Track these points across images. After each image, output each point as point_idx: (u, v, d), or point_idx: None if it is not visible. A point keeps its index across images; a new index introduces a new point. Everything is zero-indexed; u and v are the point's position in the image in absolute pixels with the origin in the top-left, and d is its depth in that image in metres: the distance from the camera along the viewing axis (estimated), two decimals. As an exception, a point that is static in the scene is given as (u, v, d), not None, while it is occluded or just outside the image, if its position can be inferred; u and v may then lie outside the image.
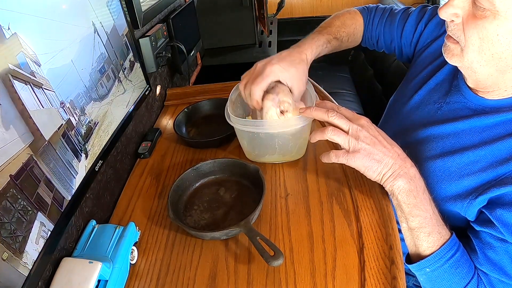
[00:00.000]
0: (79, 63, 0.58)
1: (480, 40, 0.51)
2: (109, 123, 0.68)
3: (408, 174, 0.56)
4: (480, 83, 0.59)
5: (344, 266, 0.54)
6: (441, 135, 0.64)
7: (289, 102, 0.65)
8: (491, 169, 0.56)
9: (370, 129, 0.57)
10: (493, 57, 0.52)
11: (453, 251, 0.56)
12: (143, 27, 0.92)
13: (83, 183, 0.57)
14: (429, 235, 0.56)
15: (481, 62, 0.53)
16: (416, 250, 0.59)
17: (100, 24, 0.65)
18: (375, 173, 0.57)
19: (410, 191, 0.55)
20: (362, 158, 0.56)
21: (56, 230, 0.49)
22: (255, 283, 0.54)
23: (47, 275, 0.50)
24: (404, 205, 0.56)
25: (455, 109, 0.64)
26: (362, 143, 0.56)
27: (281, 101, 0.65)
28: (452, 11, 0.53)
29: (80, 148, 0.58)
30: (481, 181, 0.57)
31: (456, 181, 0.60)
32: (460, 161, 0.60)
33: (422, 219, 0.56)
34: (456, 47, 0.56)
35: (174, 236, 0.63)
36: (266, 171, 0.74)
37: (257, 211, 0.60)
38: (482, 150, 0.57)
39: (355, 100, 2.02)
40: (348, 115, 0.59)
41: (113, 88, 0.69)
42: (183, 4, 1.29)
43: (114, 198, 0.74)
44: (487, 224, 0.56)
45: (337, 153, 0.58)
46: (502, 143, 0.56)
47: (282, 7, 2.06)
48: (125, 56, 0.75)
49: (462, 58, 0.55)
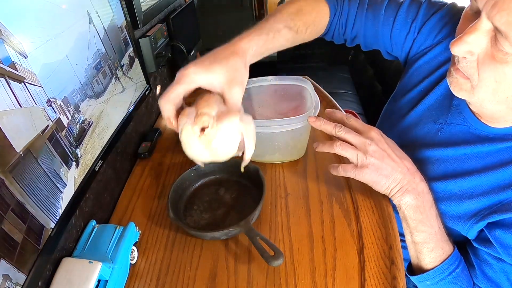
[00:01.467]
0: (73, 56, 0.53)
1: (496, 83, 0.46)
2: (105, 128, 0.62)
3: (416, 190, 0.55)
4: (487, 116, 0.56)
5: (344, 266, 0.54)
6: (443, 159, 0.62)
7: (210, 114, 0.45)
8: (492, 194, 0.55)
9: (380, 142, 0.56)
10: (507, 99, 0.48)
11: (453, 266, 0.57)
12: (143, 27, 0.92)
13: (73, 199, 0.49)
14: (432, 250, 0.57)
15: (493, 102, 0.49)
16: (419, 262, 0.60)
17: (96, 14, 0.61)
18: (383, 188, 0.56)
19: (417, 207, 0.55)
20: (370, 173, 0.55)
21: (56, 230, 0.49)
22: (255, 283, 0.54)
23: (47, 275, 0.50)
24: (410, 220, 0.56)
25: (457, 132, 0.61)
26: (370, 158, 0.55)
27: (199, 114, 0.46)
28: (467, 48, 0.46)
29: (71, 151, 0.51)
30: (482, 206, 0.56)
31: (457, 203, 0.59)
32: (462, 185, 0.58)
33: (426, 235, 0.56)
34: (466, 83, 0.50)
35: (174, 236, 0.63)
36: (266, 171, 0.74)
37: (257, 211, 0.60)
38: (485, 175, 0.56)
39: (355, 100, 2.02)
40: (358, 127, 0.58)
41: (110, 85, 0.66)
42: (183, 4, 1.28)
43: (114, 198, 0.74)
44: (486, 243, 0.56)
45: (345, 167, 0.58)
46: (505, 169, 0.54)
47: (282, 7, 2.06)
48: (123, 53, 0.73)
49: (472, 95, 0.51)
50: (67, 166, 0.50)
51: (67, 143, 0.50)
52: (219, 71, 0.48)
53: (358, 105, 1.98)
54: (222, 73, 0.48)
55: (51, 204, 0.46)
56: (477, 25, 0.44)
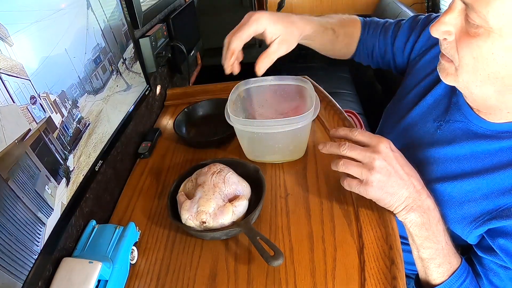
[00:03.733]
0: (70, 48, 0.48)
1: (474, 59, 0.47)
2: (102, 136, 0.57)
3: (422, 207, 0.54)
4: (480, 105, 0.56)
5: (344, 266, 0.54)
6: (441, 159, 0.62)
7: (208, 212, 0.58)
8: (492, 198, 0.55)
9: (388, 157, 0.53)
10: (489, 77, 0.48)
11: (462, 279, 0.57)
12: (143, 27, 0.92)
13: (57, 230, 0.41)
14: (439, 266, 0.56)
15: (476, 83, 0.50)
16: (426, 277, 0.59)
17: (97, 2, 0.57)
18: (387, 205, 0.56)
19: (423, 224, 0.54)
20: (375, 191, 0.54)
21: (56, 230, 0.49)
22: (255, 283, 0.54)
23: (47, 275, 0.50)
24: (416, 238, 0.56)
25: (456, 129, 0.61)
26: (376, 175, 0.53)
27: (199, 212, 0.58)
28: (443, 28, 0.49)
29: (63, 157, 0.43)
30: (482, 210, 0.56)
31: (457, 207, 0.59)
32: (461, 187, 0.58)
33: (433, 251, 0.55)
34: (450, 66, 0.52)
35: (174, 236, 0.63)
36: (266, 171, 0.74)
37: (257, 211, 0.60)
38: (484, 178, 0.56)
39: (355, 100, 2.02)
40: (365, 141, 0.56)
41: (110, 81, 0.62)
42: (183, 4, 1.29)
43: (114, 198, 0.74)
44: (490, 252, 0.56)
45: (350, 182, 0.56)
46: (504, 172, 0.54)
47: (282, 7, 2.06)
48: (124, 47, 0.68)
49: (457, 77, 0.52)
50: (55, 180, 0.41)
51: (59, 146, 0.43)
52: (282, 29, 0.63)
53: (358, 105, 1.98)
54: (283, 30, 0.63)
55: (24, 247, 0.33)
56: (451, 6, 0.48)
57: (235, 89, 0.78)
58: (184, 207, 0.60)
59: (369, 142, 0.55)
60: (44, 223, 0.38)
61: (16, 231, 0.34)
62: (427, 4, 2.36)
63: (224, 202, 0.60)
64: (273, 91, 0.83)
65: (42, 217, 0.39)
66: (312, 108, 0.67)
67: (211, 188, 0.61)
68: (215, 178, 0.62)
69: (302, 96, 0.80)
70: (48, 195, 0.40)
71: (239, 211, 0.60)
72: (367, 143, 0.56)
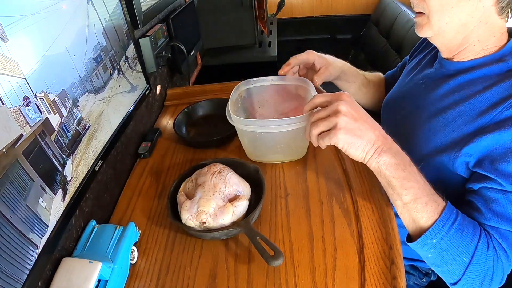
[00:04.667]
0: (70, 46, 0.46)
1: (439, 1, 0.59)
2: (103, 143, 0.56)
3: (392, 150, 0.56)
4: (452, 46, 0.65)
5: (344, 266, 0.54)
6: (427, 104, 0.69)
7: (208, 213, 0.58)
8: (472, 121, 0.59)
9: (351, 103, 0.57)
10: (453, 10, 0.58)
11: (454, 215, 0.55)
12: (143, 27, 0.92)
13: (57, 230, 0.38)
14: (426, 204, 0.55)
15: (446, 20, 0.60)
16: (417, 225, 0.57)
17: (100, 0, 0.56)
18: (358, 150, 0.55)
19: (397, 164, 0.55)
20: (345, 134, 0.54)
21: (56, 230, 0.49)
22: (255, 283, 0.54)
23: (47, 275, 0.50)
24: (393, 180, 0.55)
25: (436, 79, 0.70)
26: (343, 117, 0.55)
27: (199, 212, 0.58)
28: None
29: (60, 162, 0.40)
30: (464, 133, 0.60)
31: (440, 136, 0.63)
32: (444, 119, 0.64)
33: (416, 190, 0.55)
34: (423, 18, 0.63)
35: (174, 236, 0.63)
36: (266, 171, 0.74)
37: (257, 211, 0.60)
38: (463, 105, 0.61)
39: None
40: (326, 99, 0.59)
41: (111, 81, 0.60)
42: (183, 4, 1.29)
43: (114, 198, 0.74)
44: (485, 180, 0.56)
45: (322, 136, 0.57)
46: (479, 97, 0.59)
47: (282, 7, 2.06)
48: (126, 45, 0.67)
49: (430, 25, 0.62)
50: (52, 190, 0.36)
51: (57, 150, 0.40)
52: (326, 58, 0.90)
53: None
54: (324, 62, 0.89)
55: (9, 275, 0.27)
56: None
57: (236, 89, 0.78)
58: (184, 207, 0.60)
59: (330, 98, 0.59)
60: (37, 245, 0.32)
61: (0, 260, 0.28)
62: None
63: (224, 202, 0.60)
64: (274, 91, 0.84)
65: (34, 238, 0.33)
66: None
67: (211, 188, 0.61)
68: (215, 178, 0.62)
69: (303, 96, 0.80)
70: (42, 209, 0.35)
71: (239, 211, 0.60)
72: (329, 99, 0.59)
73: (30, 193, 0.33)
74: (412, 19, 1.68)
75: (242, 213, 0.60)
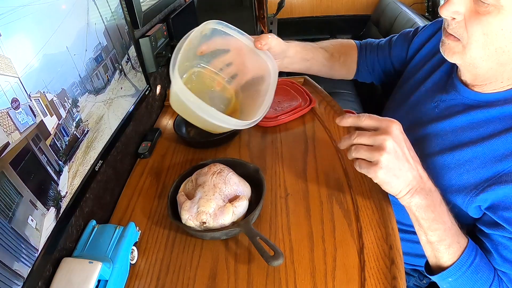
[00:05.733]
0: (71, 45, 0.43)
1: (484, 35, 0.51)
2: (97, 155, 0.52)
3: (425, 189, 0.55)
4: (479, 77, 0.59)
5: (344, 266, 0.54)
6: (439, 133, 0.65)
7: (209, 213, 0.58)
8: (490, 165, 0.57)
9: (398, 138, 0.53)
10: (496, 52, 0.52)
11: (472, 257, 0.57)
12: (143, 27, 0.92)
13: (57, 229, 0.36)
14: (449, 247, 0.57)
15: (484, 57, 0.54)
16: (437, 261, 0.59)
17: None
18: (393, 189, 0.55)
19: (428, 206, 0.55)
20: (383, 173, 0.53)
21: (56, 230, 0.49)
22: (255, 283, 0.54)
23: (47, 275, 0.50)
24: (422, 221, 0.56)
25: (451, 106, 0.65)
26: (385, 155, 0.52)
27: (199, 212, 0.58)
28: (453, 8, 0.52)
29: (58, 169, 0.36)
30: (481, 178, 0.57)
31: (457, 176, 0.60)
32: (459, 157, 0.60)
33: (441, 232, 0.56)
34: (457, 45, 0.56)
35: (174, 236, 0.63)
36: (266, 171, 0.74)
37: (257, 211, 0.60)
38: (480, 146, 0.58)
39: (355, 100, 2.02)
40: (374, 124, 0.55)
41: (113, 81, 0.59)
42: (183, 4, 1.29)
43: (114, 198, 0.74)
44: (496, 227, 0.56)
45: (360, 163, 0.56)
46: (499, 139, 0.56)
47: (282, 7, 2.06)
48: (128, 45, 0.65)
49: (464, 55, 0.55)
50: (44, 205, 0.31)
51: (53, 156, 0.35)
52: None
53: (358, 105, 1.98)
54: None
55: None
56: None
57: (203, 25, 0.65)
58: (184, 207, 0.60)
59: (378, 125, 0.55)
60: (22, 276, 0.27)
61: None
62: (427, 4, 2.36)
63: (224, 203, 0.60)
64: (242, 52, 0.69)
65: (19, 269, 0.27)
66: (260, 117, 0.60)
67: (211, 189, 0.61)
68: (215, 178, 0.62)
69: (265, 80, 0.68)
70: (32, 230, 0.30)
71: (239, 212, 0.60)
72: (377, 126, 0.55)
73: (17, 212, 0.28)
74: (412, 19, 1.68)
75: (242, 213, 0.60)
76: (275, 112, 0.90)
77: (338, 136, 0.82)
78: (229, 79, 0.71)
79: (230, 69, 0.70)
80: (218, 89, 0.70)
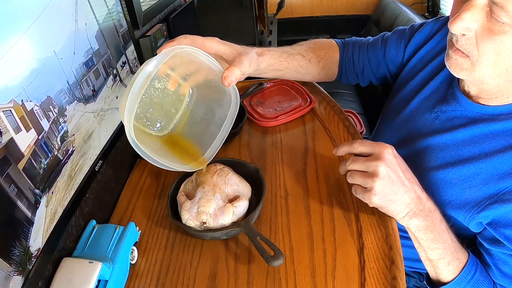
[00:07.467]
0: (58, 48, 0.38)
1: (496, 55, 0.49)
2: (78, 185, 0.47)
3: (424, 211, 0.54)
4: (485, 91, 0.58)
5: (344, 266, 0.54)
6: (440, 146, 0.63)
7: (209, 213, 0.58)
8: (492, 183, 0.56)
9: (391, 163, 0.53)
10: (506, 71, 0.50)
11: (472, 272, 0.57)
12: (143, 27, 0.92)
13: (57, 229, 0.36)
14: (449, 264, 0.57)
15: (493, 76, 0.51)
16: (437, 277, 0.60)
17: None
18: (390, 212, 0.55)
19: (427, 227, 0.55)
20: (378, 199, 0.54)
21: (56, 230, 0.49)
22: (255, 283, 0.54)
23: (47, 275, 0.50)
24: (422, 241, 0.56)
25: (453, 118, 0.63)
26: (378, 182, 0.52)
27: (199, 212, 0.58)
28: (465, 25, 0.49)
29: (34, 200, 0.28)
30: (483, 195, 0.56)
31: (458, 193, 0.59)
32: (461, 173, 0.59)
33: (441, 251, 0.56)
34: (465, 61, 0.53)
35: (174, 236, 0.63)
36: (266, 171, 0.74)
37: (257, 211, 0.60)
38: (483, 162, 0.57)
39: (355, 100, 2.02)
40: (367, 151, 0.56)
41: (104, 88, 0.53)
42: (183, 4, 1.29)
43: (114, 198, 0.74)
44: (496, 243, 0.56)
45: (356, 188, 0.57)
46: (503, 155, 0.55)
47: (282, 7, 2.06)
48: (124, 47, 0.62)
49: (472, 72, 0.53)
50: (7, 263, 0.23)
51: (27, 183, 0.27)
52: (238, 49, 0.69)
53: (358, 105, 1.98)
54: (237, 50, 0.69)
55: None
56: (473, 2, 0.47)
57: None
58: (185, 207, 0.60)
59: (371, 151, 0.55)
60: None
61: None
62: (427, 4, 2.36)
63: (224, 203, 0.60)
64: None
65: None
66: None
67: (212, 189, 0.61)
68: (215, 178, 0.62)
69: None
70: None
71: (240, 212, 0.60)
72: (369, 152, 0.56)
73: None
74: (412, 19, 1.68)
75: (242, 213, 0.60)
76: (275, 112, 0.90)
77: (338, 136, 0.82)
78: (186, 75, 0.66)
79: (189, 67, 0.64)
80: (172, 90, 0.64)
